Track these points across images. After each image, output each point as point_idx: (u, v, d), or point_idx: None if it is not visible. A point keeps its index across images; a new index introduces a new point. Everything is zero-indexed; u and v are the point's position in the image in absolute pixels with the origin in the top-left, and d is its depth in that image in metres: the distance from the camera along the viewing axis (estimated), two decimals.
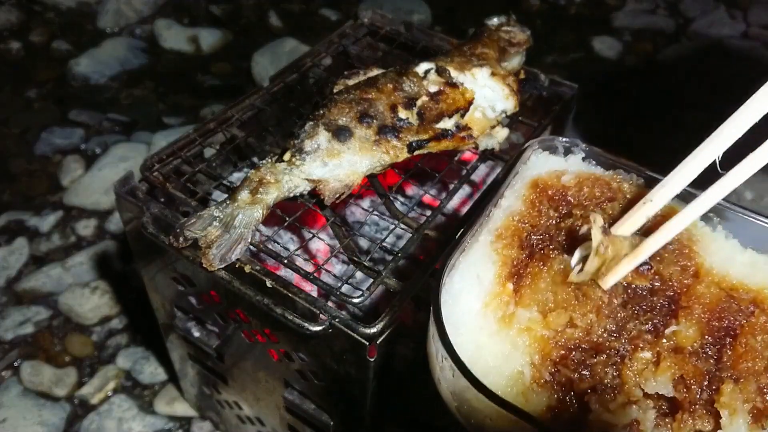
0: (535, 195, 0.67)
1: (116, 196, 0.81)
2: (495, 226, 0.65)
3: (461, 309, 0.59)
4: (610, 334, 0.58)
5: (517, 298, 0.60)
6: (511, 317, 0.59)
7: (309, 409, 0.87)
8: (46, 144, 1.79)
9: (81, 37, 2.19)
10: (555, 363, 0.57)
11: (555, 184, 0.68)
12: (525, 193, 0.68)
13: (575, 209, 0.66)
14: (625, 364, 0.56)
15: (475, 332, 0.58)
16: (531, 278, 0.61)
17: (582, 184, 0.68)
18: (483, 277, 0.61)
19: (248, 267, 0.71)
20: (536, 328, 0.58)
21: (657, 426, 0.55)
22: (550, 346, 0.58)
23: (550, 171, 0.69)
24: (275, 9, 2.39)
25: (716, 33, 2.34)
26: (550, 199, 0.67)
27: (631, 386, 0.55)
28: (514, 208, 0.66)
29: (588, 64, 2.24)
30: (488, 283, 0.61)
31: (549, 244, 0.63)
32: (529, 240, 0.64)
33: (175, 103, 1.98)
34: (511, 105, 0.90)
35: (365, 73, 0.90)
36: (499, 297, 0.60)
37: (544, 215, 0.66)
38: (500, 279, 0.61)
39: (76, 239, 1.54)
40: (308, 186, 0.77)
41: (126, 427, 1.20)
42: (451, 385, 0.55)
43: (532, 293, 0.60)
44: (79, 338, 1.34)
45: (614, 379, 0.56)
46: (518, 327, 0.58)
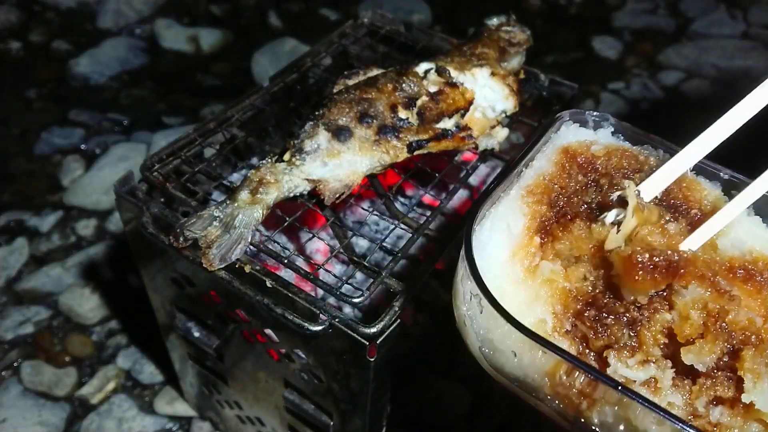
0: (566, 159, 0.70)
1: (116, 196, 0.81)
2: (526, 183, 0.68)
3: (489, 256, 0.61)
4: None
5: (543, 251, 0.63)
6: (535, 268, 0.61)
7: (309, 409, 0.87)
8: (46, 144, 1.79)
9: (81, 37, 2.19)
10: (575, 316, 0.59)
11: (584, 153, 0.71)
12: (555, 158, 0.70)
13: (602, 178, 0.68)
14: (643, 324, 0.57)
15: (501, 280, 0.60)
16: (557, 235, 0.63)
17: (610, 155, 0.71)
18: (512, 228, 0.64)
19: (248, 267, 0.71)
20: (558, 280, 0.61)
21: (675, 386, 0.55)
22: (571, 298, 0.60)
23: (581, 141, 0.72)
24: (275, 9, 2.39)
25: (716, 33, 2.34)
26: (579, 166, 0.70)
27: (650, 346, 0.56)
28: (545, 170, 0.69)
29: (588, 64, 2.24)
30: (517, 234, 0.64)
31: (576, 206, 0.66)
32: (558, 200, 0.67)
33: (175, 103, 1.98)
34: (511, 105, 0.90)
35: (365, 73, 0.90)
36: (526, 248, 0.63)
37: (572, 179, 0.69)
38: (528, 232, 0.64)
39: (76, 239, 1.54)
40: (308, 186, 0.77)
41: (126, 427, 1.20)
42: (477, 323, 0.58)
43: (557, 248, 0.63)
44: (79, 338, 1.34)
45: (631, 339, 0.57)
46: (542, 278, 0.61)
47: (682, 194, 0.66)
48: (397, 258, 0.75)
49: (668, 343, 0.57)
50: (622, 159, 0.70)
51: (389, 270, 0.73)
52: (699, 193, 0.67)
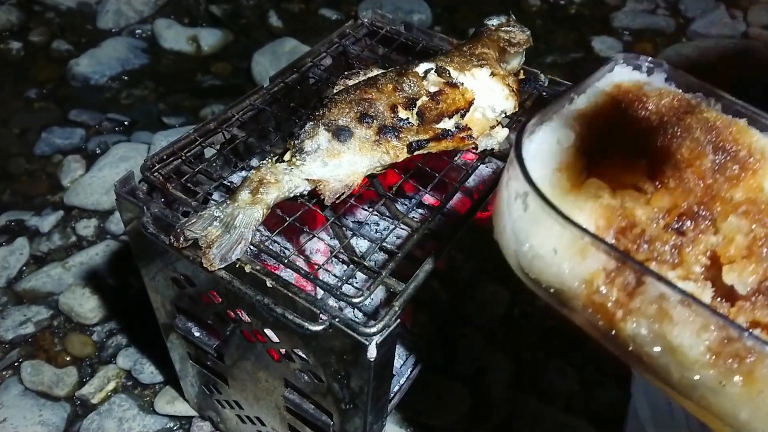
0: (618, 94, 0.73)
1: (116, 196, 0.81)
2: (577, 108, 0.71)
3: (536, 168, 0.62)
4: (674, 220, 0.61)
5: (589, 171, 0.65)
6: (581, 184, 0.63)
7: (309, 409, 0.87)
8: (46, 144, 1.79)
9: (81, 37, 2.19)
10: (617, 232, 0.60)
11: (636, 91, 0.73)
12: (608, 90, 0.73)
13: (653, 115, 0.71)
14: (686, 244, 0.58)
15: (546, 190, 0.60)
16: (605, 157, 0.66)
17: (662, 97, 0.73)
18: (562, 143, 0.67)
19: (248, 267, 0.71)
20: (603, 197, 0.62)
21: (713, 305, 0.55)
22: (614, 215, 0.61)
23: (633, 80, 0.75)
24: (275, 9, 2.39)
25: (716, 33, 2.34)
26: (630, 102, 0.72)
27: (691, 264, 0.57)
28: (597, 100, 0.72)
29: (588, 64, 2.24)
30: (565, 151, 0.67)
31: (625, 136, 0.68)
32: (607, 128, 0.69)
33: (175, 103, 1.98)
34: (510, 105, 0.90)
35: (365, 73, 0.90)
36: (573, 165, 0.65)
37: (623, 112, 0.71)
38: (576, 151, 0.67)
39: (77, 239, 1.54)
40: (308, 186, 0.77)
41: (126, 427, 1.20)
42: (519, 228, 0.60)
43: (605, 169, 0.65)
44: (80, 338, 1.34)
45: (673, 256, 0.58)
46: (587, 194, 0.62)
47: (732, 137, 0.67)
48: (397, 258, 0.75)
49: (710, 267, 0.57)
50: (674, 101, 0.72)
51: (389, 270, 0.73)
52: (748, 138, 0.68)
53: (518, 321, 1.42)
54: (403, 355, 0.94)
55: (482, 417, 1.26)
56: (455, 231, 0.80)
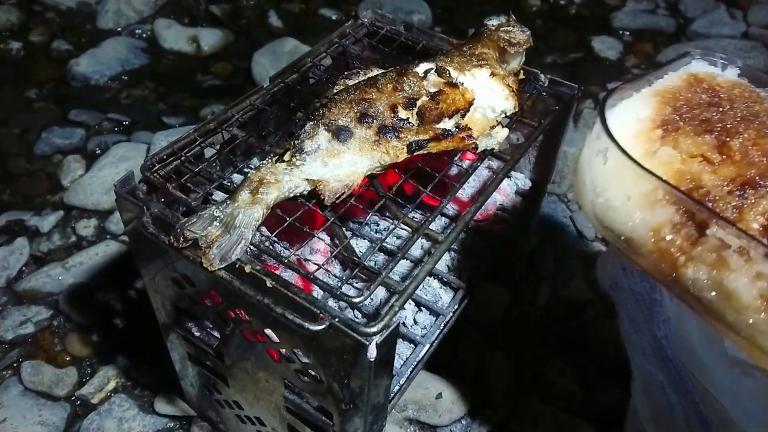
0: (693, 81, 0.82)
1: (116, 196, 0.81)
2: (655, 89, 0.80)
3: (618, 128, 0.71)
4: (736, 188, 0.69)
5: (663, 141, 0.73)
6: (655, 152, 0.72)
7: (309, 409, 0.87)
8: (46, 144, 1.79)
9: (81, 37, 2.19)
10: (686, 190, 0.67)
11: (710, 80, 0.82)
12: (684, 77, 0.83)
13: (724, 102, 0.78)
14: (745, 206, 0.66)
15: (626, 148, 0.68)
16: (677, 131, 0.74)
17: (734, 87, 0.81)
18: (639, 117, 0.76)
19: (248, 267, 0.71)
20: (674, 163, 0.71)
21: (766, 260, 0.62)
22: (683, 178, 0.69)
23: (708, 72, 0.84)
24: (275, 9, 2.39)
25: (716, 33, 2.34)
26: (704, 89, 0.80)
27: (749, 221, 0.65)
28: (674, 84, 0.81)
29: (588, 64, 2.24)
30: (642, 122, 0.76)
31: (697, 117, 0.76)
32: (681, 108, 0.77)
33: (175, 103, 1.98)
34: (510, 105, 0.90)
35: (365, 73, 0.90)
36: (648, 135, 0.74)
37: (697, 96, 0.79)
38: (652, 123, 0.75)
39: (77, 239, 1.54)
40: (308, 186, 0.77)
41: (126, 427, 1.20)
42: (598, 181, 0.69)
43: (676, 140, 0.73)
44: (79, 338, 1.34)
45: (733, 214, 0.65)
46: (660, 160, 0.71)
47: None
48: (397, 258, 0.75)
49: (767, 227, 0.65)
50: (744, 92, 0.80)
51: (389, 270, 0.73)
52: None
53: (518, 321, 1.43)
54: (403, 355, 0.94)
55: (482, 417, 1.26)
56: (455, 231, 0.80)
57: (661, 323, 1.14)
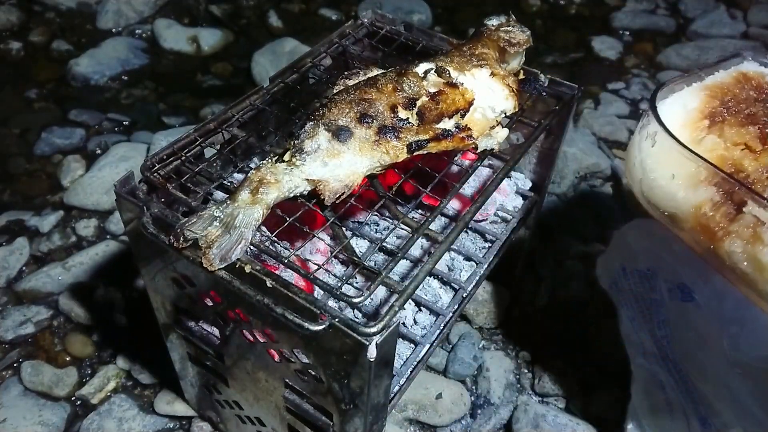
0: (742, 78, 0.89)
1: (116, 196, 0.81)
2: (705, 83, 0.87)
3: (668, 116, 0.79)
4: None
5: (709, 130, 0.81)
6: (702, 140, 0.80)
7: (309, 409, 0.87)
8: (46, 144, 1.79)
9: (81, 37, 2.19)
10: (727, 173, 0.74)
11: (759, 79, 0.90)
12: (733, 74, 0.90)
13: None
14: None
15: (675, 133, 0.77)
16: (723, 122, 0.81)
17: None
18: (688, 108, 0.83)
19: (248, 267, 0.71)
20: (718, 150, 0.78)
21: None
22: (726, 163, 0.77)
23: (758, 71, 0.91)
24: (275, 9, 2.39)
25: (716, 33, 2.34)
26: (752, 87, 0.88)
27: None
28: (723, 80, 0.88)
29: (588, 64, 2.24)
30: (690, 113, 0.83)
31: (743, 111, 0.83)
32: (729, 102, 0.85)
33: (175, 103, 1.98)
34: (510, 105, 0.91)
35: (365, 73, 0.90)
36: (696, 124, 0.82)
37: (745, 92, 0.87)
38: (700, 114, 0.83)
39: (77, 239, 1.54)
40: (308, 186, 0.77)
41: (126, 427, 1.20)
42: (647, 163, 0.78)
43: (722, 130, 0.81)
44: (79, 338, 1.34)
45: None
46: (705, 147, 0.79)
47: None
48: (397, 258, 0.75)
49: None
50: None
51: (389, 270, 0.73)
52: None
53: (518, 321, 1.43)
54: (403, 355, 0.94)
55: (482, 417, 1.26)
56: (455, 231, 0.80)
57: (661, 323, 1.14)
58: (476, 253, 1.09)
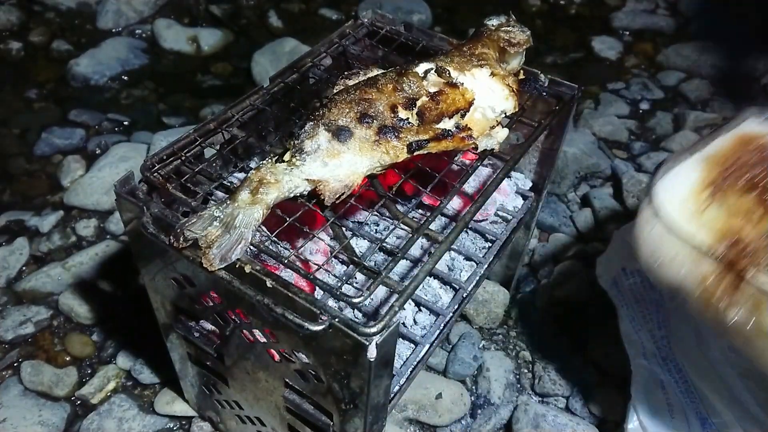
0: (742, 142, 0.91)
1: (116, 196, 0.81)
2: (706, 152, 0.90)
3: (669, 193, 0.85)
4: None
5: (711, 200, 0.84)
6: (704, 211, 0.83)
7: (309, 409, 0.87)
8: (46, 144, 1.79)
9: (81, 37, 2.19)
10: (727, 245, 0.79)
11: (759, 140, 0.91)
12: (734, 139, 0.92)
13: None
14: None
15: (676, 212, 0.83)
16: (724, 191, 0.85)
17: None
18: (689, 180, 0.87)
19: (248, 267, 0.71)
20: (720, 220, 0.82)
21: None
22: (727, 233, 0.80)
23: (758, 131, 0.93)
24: (275, 9, 2.39)
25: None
26: (752, 150, 0.90)
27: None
28: (724, 146, 0.91)
29: (588, 64, 2.24)
30: (692, 185, 0.87)
31: (744, 176, 0.86)
32: (730, 168, 0.87)
33: (175, 103, 1.98)
34: (510, 105, 0.91)
35: (365, 73, 0.90)
36: (698, 195, 0.85)
37: (744, 156, 0.89)
38: (701, 185, 0.86)
39: (77, 239, 1.54)
40: (308, 186, 0.77)
41: (126, 427, 1.20)
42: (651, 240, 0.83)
43: (723, 200, 0.84)
44: (79, 338, 1.34)
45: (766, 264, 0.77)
46: (707, 218, 0.83)
47: None
48: (397, 258, 0.75)
49: None
50: None
51: (389, 270, 0.73)
52: None
53: (518, 321, 1.43)
54: (403, 355, 0.94)
55: (482, 417, 1.26)
56: (455, 231, 0.80)
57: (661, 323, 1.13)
58: (476, 253, 1.09)
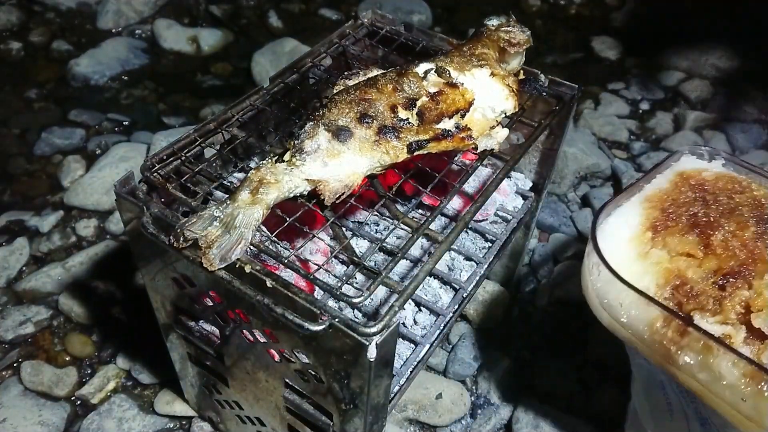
0: (680, 180, 0.91)
1: (116, 196, 0.81)
2: (645, 194, 0.90)
3: (611, 241, 0.83)
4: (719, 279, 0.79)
5: (653, 242, 0.83)
6: (646, 254, 0.82)
7: (309, 409, 0.87)
8: (46, 144, 1.79)
9: (81, 37, 2.19)
10: (673, 288, 0.79)
11: (696, 176, 0.92)
12: (672, 178, 0.92)
13: (708, 196, 0.88)
14: (724, 298, 0.76)
15: (619, 258, 0.81)
16: (666, 232, 0.84)
17: (718, 180, 0.91)
18: (631, 223, 0.86)
19: (248, 267, 0.71)
20: (663, 263, 0.81)
21: (746, 343, 0.72)
22: (672, 276, 0.80)
23: (695, 167, 0.93)
24: (275, 9, 2.39)
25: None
26: (690, 186, 0.90)
27: (728, 311, 0.74)
28: (662, 186, 0.91)
29: (588, 64, 2.24)
30: (634, 228, 0.86)
31: (684, 215, 0.86)
32: (669, 208, 0.87)
33: (175, 103, 1.98)
34: (510, 105, 0.91)
35: (365, 73, 0.90)
36: (640, 238, 0.84)
37: (683, 195, 0.89)
38: (642, 227, 0.85)
39: (77, 239, 1.54)
40: (308, 186, 0.77)
41: (126, 427, 1.20)
42: (598, 287, 0.79)
43: (665, 241, 0.83)
44: (79, 338, 1.34)
45: (714, 306, 0.76)
46: (651, 261, 0.81)
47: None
48: (397, 258, 0.75)
49: (744, 312, 0.74)
50: (728, 183, 0.90)
51: (389, 270, 0.73)
52: None
53: (518, 321, 1.43)
54: (403, 355, 0.94)
55: (482, 417, 1.26)
56: (455, 231, 0.80)
57: None
58: (476, 253, 1.09)
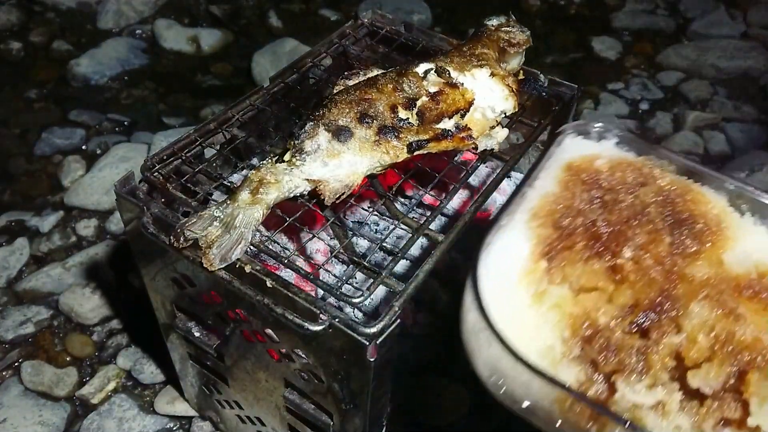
0: (569, 177, 0.69)
1: (117, 196, 0.81)
2: (530, 206, 0.67)
3: (496, 284, 0.60)
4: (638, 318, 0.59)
5: (550, 276, 0.62)
6: (543, 294, 0.61)
7: (309, 409, 0.87)
8: (46, 144, 1.79)
9: (81, 37, 2.19)
10: (583, 342, 0.58)
11: (588, 168, 0.70)
12: (559, 175, 0.70)
13: (607, 194, 0.67)
14: (651, 348, 0.57)
15: (509, 306, 0.59)
16: (564, 258, 0.62)
17: (614, 169, 0.70)
18: (518, 254, 0.63)
19: (248, 267, 0.71)
20: (566, 306, 0.60)
21: (682, 409, 0.55)
22: (578, 324, 0.59)
23: (584, 155, 0.72)
24: (275, 9, 2.39)
25: (716, 33, 2.34)
26: (583, 183, 0.69)
27: (658, 370, 0.56)
28: (549, 189, 0.68)
29: (588, 64, 2.24)
30: (523, 260, 0.63)
31: (582, 227, 0.65)
32: (563, 221, 0.65)
33: (175, 103, 1.98)
34: (510, 105, 0.91)
35: (365, 73, 0.90)
36: (533, 273, 0.62)
37: (577, 197, 0.67)
38: (534, 256, 0.63)
39: (77, 239, 1.54)
40: (308, 186, 0.77)
41: (126, 427, 1.20)
42: (486, 355, 0.57)
43: (564, 272, 0.62)
44: (80, 338, 1.34)
45: (639, 362, 0.57)
46: (549, 304, 0.60)
47: (687, 208, 0.66)
48: (397, 258, 0.75)
49: (676, 366, 0.57)
50: (626, 173, 0.69)
51: (389, 270, 0.73)
52: (704, 206, 0.66)
53: None
54: (403, 355, 0.94)
55: (482, 417, 1.26)
56: (455, 232, 0.80)
57: None
58: None
